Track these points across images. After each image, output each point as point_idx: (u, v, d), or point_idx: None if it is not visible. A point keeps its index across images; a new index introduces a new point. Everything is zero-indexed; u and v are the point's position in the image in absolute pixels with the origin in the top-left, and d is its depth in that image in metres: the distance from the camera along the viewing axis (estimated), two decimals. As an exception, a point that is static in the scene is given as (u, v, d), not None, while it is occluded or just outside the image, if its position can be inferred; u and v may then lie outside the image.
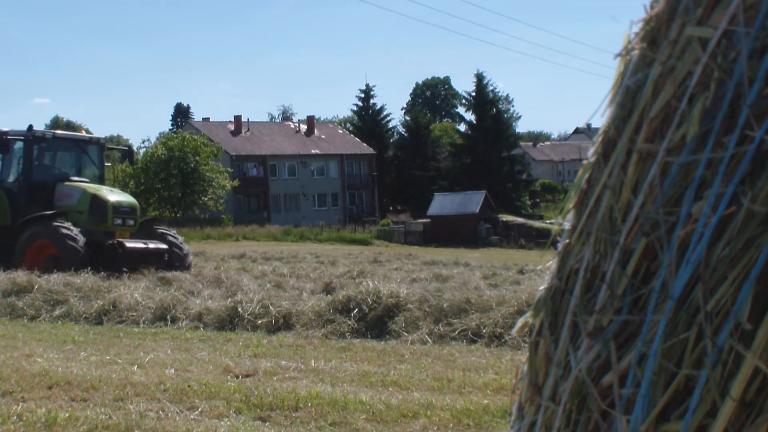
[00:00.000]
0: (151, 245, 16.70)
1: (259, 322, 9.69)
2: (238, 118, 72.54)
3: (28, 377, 6.31)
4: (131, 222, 16.93)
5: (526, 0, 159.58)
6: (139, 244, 16.45)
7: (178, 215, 53.91)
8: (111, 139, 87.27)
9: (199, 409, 5.35)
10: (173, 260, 16.65)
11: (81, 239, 15.38)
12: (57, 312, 10.75)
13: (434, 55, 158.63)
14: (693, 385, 1.45)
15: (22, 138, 16.88)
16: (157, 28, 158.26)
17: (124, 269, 15.50)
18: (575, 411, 1.64)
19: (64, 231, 15.38)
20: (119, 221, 16.63)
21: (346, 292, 9.97)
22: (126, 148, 19.88)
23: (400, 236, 55.10)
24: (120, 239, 16.38)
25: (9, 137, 16.80)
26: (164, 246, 16.96)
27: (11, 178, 17.16)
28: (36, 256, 15.29)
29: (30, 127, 17.10)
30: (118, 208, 16.62)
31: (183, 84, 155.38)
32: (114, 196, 16.99)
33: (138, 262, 15.77)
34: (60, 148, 18.00)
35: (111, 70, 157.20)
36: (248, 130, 72.75)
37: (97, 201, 16.44)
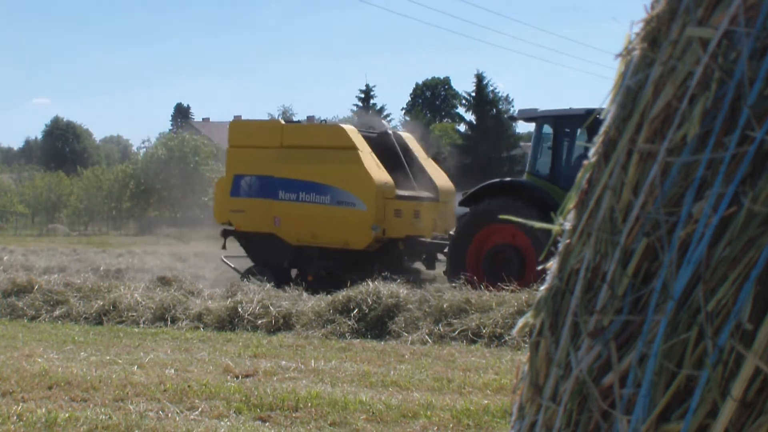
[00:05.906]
0: None
1: (259, 322, 9.68)
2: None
3: (28, 377, 6.31)
4: None
5: (526, 1, 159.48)
6: None
7: (177, 215, 53.88)
8: (111, 139, 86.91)
9: (199, 409, 5.35)
10: None
11: None
12: (57, 312, 10.75)
13: (434, 55, 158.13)
14: (694, 386, 1.45)
15: None
16: (157, 28, 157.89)
17: None
18: (576, 411, 1.64)
19: None
20: None
21: (346, 292, 9.97)
22: None
23: (401, 236, 54.98)
24: None
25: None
26: None
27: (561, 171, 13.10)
28: None
29: None
30: None
31: (183, 84, 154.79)
32: None
33: None
34: None
35: (111, 70, 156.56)
36: (248, 130, 72.66)
37: None
